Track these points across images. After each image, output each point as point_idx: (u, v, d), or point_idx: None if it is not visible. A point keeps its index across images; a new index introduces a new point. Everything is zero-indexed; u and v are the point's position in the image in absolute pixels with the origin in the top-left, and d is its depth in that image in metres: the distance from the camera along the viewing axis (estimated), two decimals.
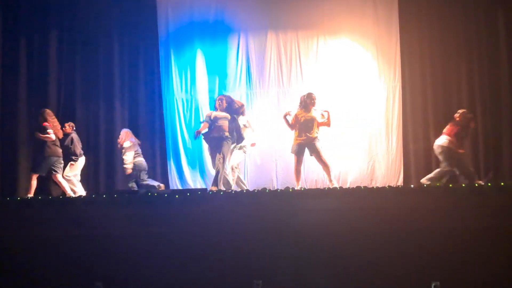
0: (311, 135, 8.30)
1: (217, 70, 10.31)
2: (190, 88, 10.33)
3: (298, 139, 8.35)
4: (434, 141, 8.66)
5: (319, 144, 8.32)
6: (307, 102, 8.43)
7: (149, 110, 10.19)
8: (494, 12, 9.10)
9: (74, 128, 9.02)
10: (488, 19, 9.19)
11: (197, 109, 10.20)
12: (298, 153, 8.35)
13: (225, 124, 8.33)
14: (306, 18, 10.13)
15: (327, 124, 8.44)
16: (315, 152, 8.32)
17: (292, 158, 9.94)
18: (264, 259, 5.59)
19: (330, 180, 8.32)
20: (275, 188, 9.30)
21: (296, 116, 8.43)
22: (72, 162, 8.75)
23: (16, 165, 9.20)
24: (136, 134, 10.01)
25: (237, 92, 10.06)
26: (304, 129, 8.31)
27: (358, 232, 5.51)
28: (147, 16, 10.33)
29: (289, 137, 9.99)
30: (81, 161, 8.92)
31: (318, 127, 8.37)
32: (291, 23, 10.21)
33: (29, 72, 9.60)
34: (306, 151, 8.36)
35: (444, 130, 8.26)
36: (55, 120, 8.67)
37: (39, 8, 9.82)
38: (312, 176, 9.82)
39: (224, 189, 7.81)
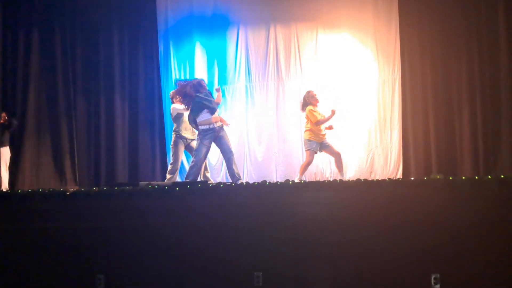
0: (324, 133, 8.48)
1: (217, 63, 10.32)
2: None
3: (321, 137, 8.41)
4: (433, 134, 8.78)
5: (328, 139, 8.49)
6: (309, 100, 8.54)
7: (149, 103, 10.20)
8: (495, 5, 9.09)
9: None
10: (489, 12, 9.17)
11: None
12: (317, 150, 8.46)
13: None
14: (306, 11, 10.14)
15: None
16: (328, 147, 8.45)
17: (292, 151, 10.02)
18: (264, 251, 5.60)
19: (342, 174, 8.48)
20: (275, 181, 9.34)
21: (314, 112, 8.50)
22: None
23: (20, 159, 9.23)
24: (136, 126, 10.06)
25: (236, 85, 10.09)
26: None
27: (358, 224, 5.52)
28: (147, 9, 10.34)
29: (289, 130, 10.06)
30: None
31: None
32: (290, 16, 10.22)
33: (30, 66, 9.58)
34: None
35: None
36: None
37: (40, 2, 9.79)
38: (311, 168, 9.81)
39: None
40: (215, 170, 10.01)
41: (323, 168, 9.88)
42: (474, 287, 5.29)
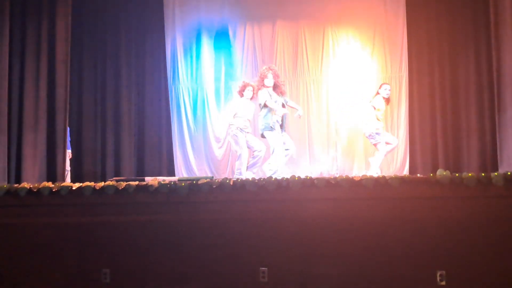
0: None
1: (224, 59, 10.32)
2: (196, 77, 10.35)
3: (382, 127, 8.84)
4: (440, 131, 8.76)
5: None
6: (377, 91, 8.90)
7: (156, 99, 10.22)
8: (503, 2, 9.03)
9: None
10: (497, 9, 9.11)
11: (203, 98, 10.25)
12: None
13: None
14: (313, 8, 10.14)
15: None
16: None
17: (299, 149, 9.99)
18: (270, 247, 5.61)
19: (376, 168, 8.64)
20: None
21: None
22: None
23: (22, 152, 9.22)
24: (142, 122, 10.08)
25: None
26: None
27: (364, 220, 5.52)
28: (154, 7, 10.34)
29: (296, 128, 10.03)
30: None
31: None
32: (298, 13, 10.22)
33: (38, 57, 9.58)
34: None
35: None
36: None
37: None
38: (317, 166, 9.85)
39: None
40: (222, 165, 10.05)
41: (328, 165, 9.87)
42: (479, 284, 5.28)
